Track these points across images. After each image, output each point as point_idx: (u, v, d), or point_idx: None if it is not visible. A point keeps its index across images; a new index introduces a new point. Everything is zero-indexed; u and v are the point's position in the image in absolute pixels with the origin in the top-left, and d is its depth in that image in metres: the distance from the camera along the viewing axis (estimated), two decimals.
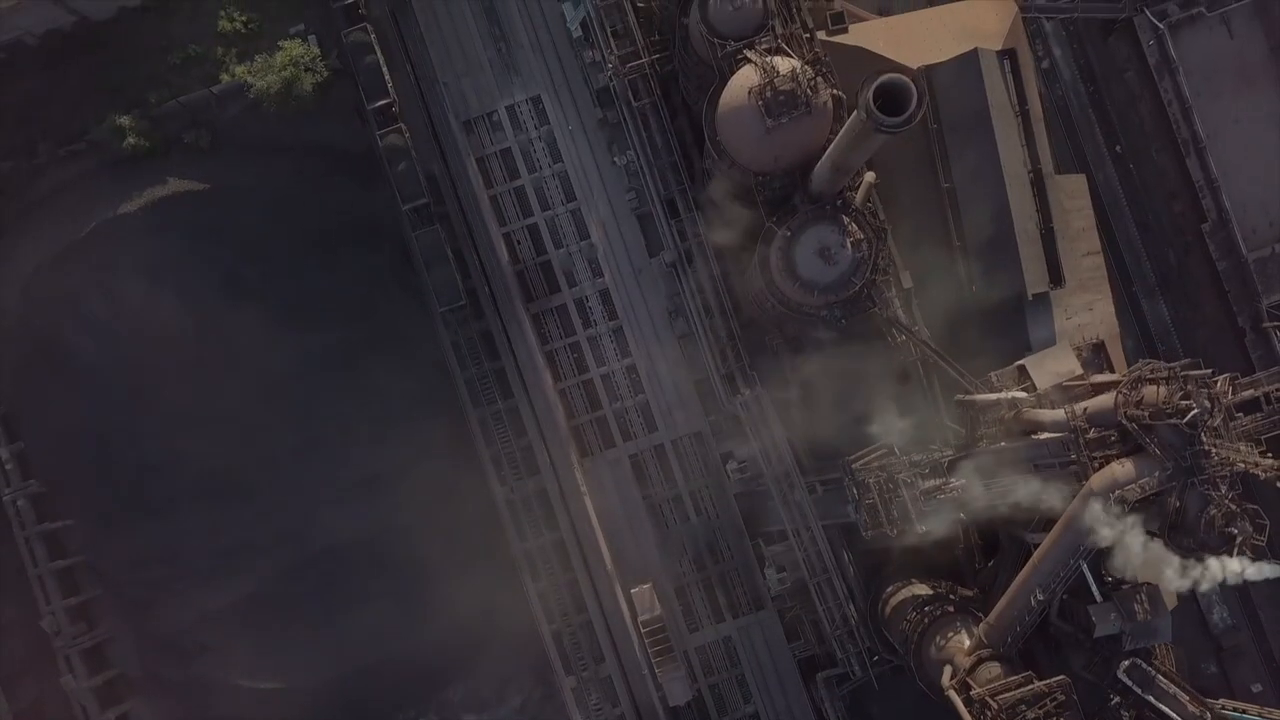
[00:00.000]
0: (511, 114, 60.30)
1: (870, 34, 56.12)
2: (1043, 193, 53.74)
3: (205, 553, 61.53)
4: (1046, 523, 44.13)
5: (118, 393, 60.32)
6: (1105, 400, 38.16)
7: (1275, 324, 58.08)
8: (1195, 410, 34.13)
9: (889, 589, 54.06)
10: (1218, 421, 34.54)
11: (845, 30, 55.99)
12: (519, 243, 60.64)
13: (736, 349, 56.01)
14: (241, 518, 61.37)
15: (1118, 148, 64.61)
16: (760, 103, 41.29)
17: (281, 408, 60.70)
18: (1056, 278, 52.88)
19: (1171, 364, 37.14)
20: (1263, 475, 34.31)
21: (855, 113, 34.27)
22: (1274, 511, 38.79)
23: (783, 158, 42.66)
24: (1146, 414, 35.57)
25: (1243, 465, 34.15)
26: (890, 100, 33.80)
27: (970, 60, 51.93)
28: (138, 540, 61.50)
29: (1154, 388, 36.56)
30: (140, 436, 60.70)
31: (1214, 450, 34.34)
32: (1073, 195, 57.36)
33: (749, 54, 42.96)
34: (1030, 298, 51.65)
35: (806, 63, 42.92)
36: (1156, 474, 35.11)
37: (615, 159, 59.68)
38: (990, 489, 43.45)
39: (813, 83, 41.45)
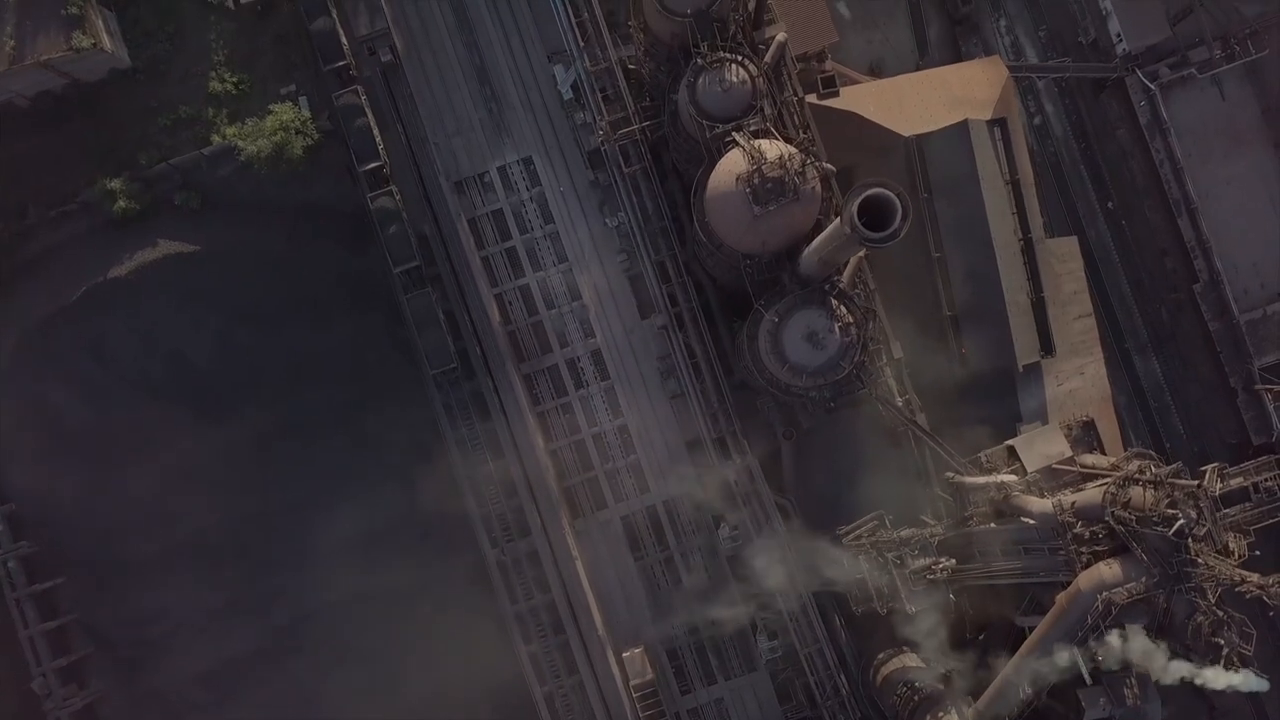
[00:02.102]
0: (503, 175, 60.10)
1: (861, 98, 56.29)
2: (1033, 260, 53.72)
3: (197, 612, 61.59)
4: (1036, 604, 44.15)
5: (109, 453, 60.29)
6: (1093, 495, 38.11)
7: (1268, 387, 57.95)
8: (1181, 521, 34.10)
9: (880, 656, 54.01)
10: (1204, 531, 34.46)
11: (836, 94, 56.12)
12: (511, 303, 60.44)
13: (728, 413, 55.99)
14: (233, 577, 61.50)
15: (1110, 204, 64.68)
16: (748, 189, 41.24)
17: (273, 467, 60.75)
18: (1047, 347, 52.89)
19: (1159, 467, 37.00)
20: (1248, 594, 34.30)
21: (839, 221, 34.21)
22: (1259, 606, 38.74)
23: (770, 243, 42.65)
24: (1133, 518, 35.52)
25: (1229, 579, 34.04)
26: (876, 212, 33.74)
27: (960, 131, 51.93)
28: (129, 599, 61.49)
29: (1141, 490, 36.48)
30: (131, 496, 60.70)
31: (1201, 559, 34.27)
32: (1064, 258, 57.35)
33: (737, 137, 42.89)
34: (1021, 369, 51.51)
35: (795, 144, 42.90)
36: (1144, 579, 35.05)
37: (607, 220, 59.52)
38: (979, 571, 43.39)
39: (801, 169, 41.36)
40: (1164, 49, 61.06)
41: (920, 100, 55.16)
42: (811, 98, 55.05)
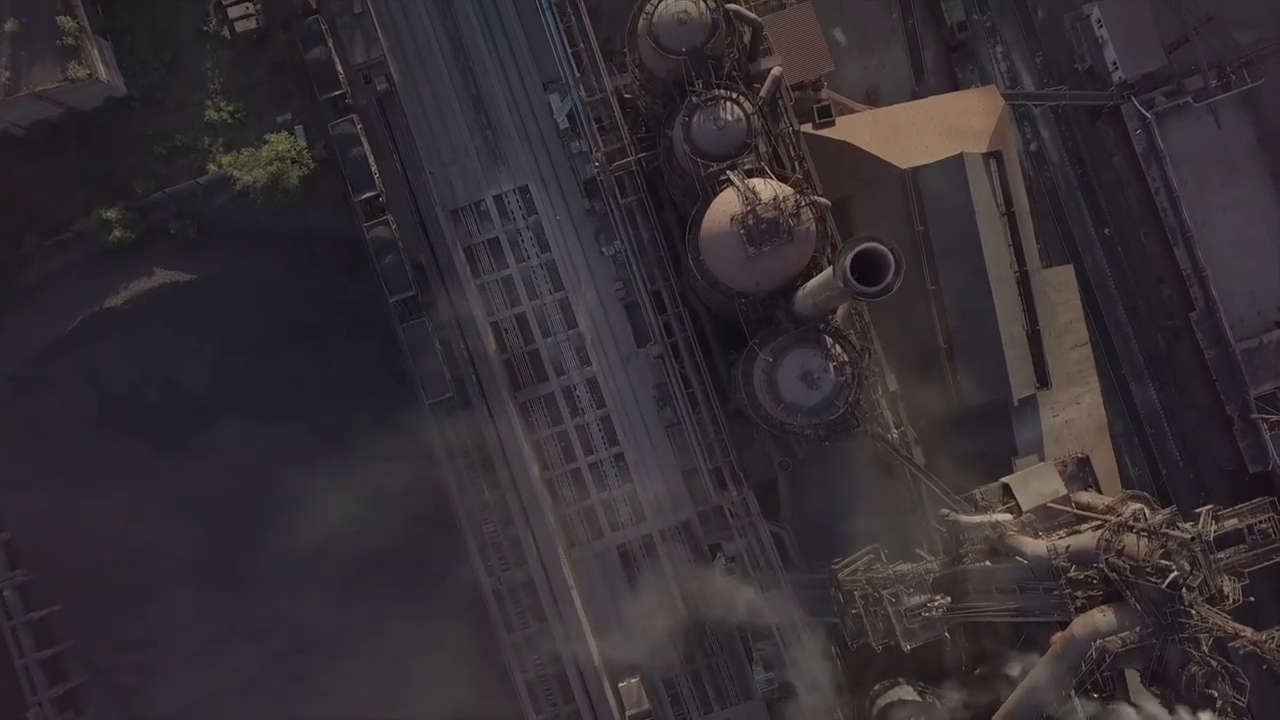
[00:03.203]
0: (499, 203, 60.11)
1: (857, 128, 56.24)
2: (1029, 292, 53.68)
3: (193, 638, 61.59)
4: (1032, 642, 44.13)
5: (105, 480, 60.28)
6: (1087, 540, 38.10)
7: (1264, 416, 57.93)
8: (1175, 573, 34.09)
9: (876, 687, 54.03)
10: (1198, 581, 34.45)
11: (832, 123, 56.03)
12: (506, 331, 60.42)
13: (724, 444, 55.99)
14: (228, 603, 61.43)
15: (1106, 230, 64.70)
16: (742, 231, 41.21)
17: (268, 494, 60.54)
18: (1043, 379, 52.81)
19: (1155, 510, 36.98)
20: (1241, 649, 34.28)
21: (832, 272, 34.19)
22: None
23: (765, 282, 42.66)
24: (1127, 567, 35.50)
25: (1223, 632, 34.03)
26: (869, 264, 33.73)
27: (956, 164, 51.90)
28: (125, 626, 61.51)
29: (1135, 538, 36.47)
30: (127, 523, 60.69)
31: (1195, 610, 34.24)
32: (1060, 288, 57.36)
33: (731, 176, 42.87)
34: (1016, 402, 51.49)
35: (791, 181, 42.88)
36: (1137, 628, 35.03)
37: (603, 249, 59.51)
38: (974, 609, 43.36)
39: (795, 210, 41.33)
40: (1160, 76, 61.08)
41: (916, 130, 55.14)
42: (807, 127, 55.02)
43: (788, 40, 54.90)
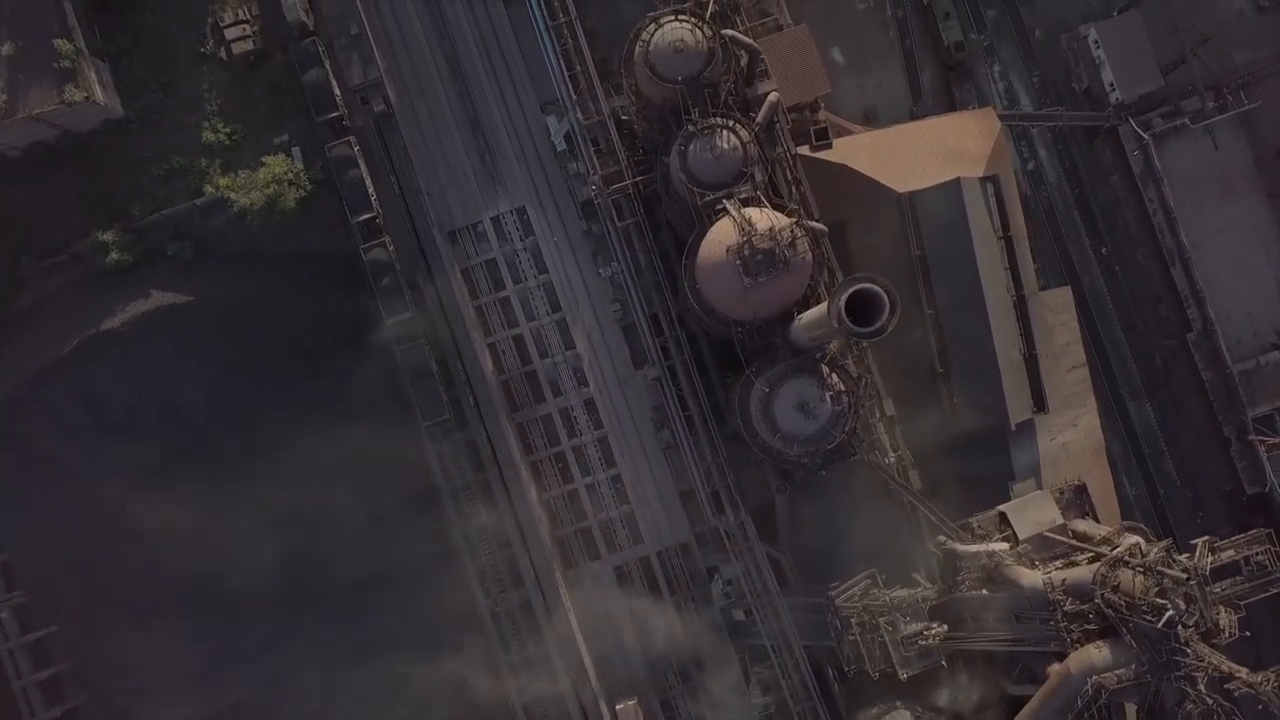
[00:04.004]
0: (497, 225, 60.10)
1: (854, 150, 56.24)
2: (1026, 316, 53.65)
3: (189, 661, 61.48)
4: (1029, 673, 44.11)
5: (102, 501, 60.14)
6: (1083, 574, 38.08)
7: (1262, 438, 57.88)
8: (1170, 612, 34.05)
9: (873, 711, 53.93)
10: (1194, 620, 34.42)
11: (829, 146, 56.02)
12: (504, 353, 60.39)
13: (721, 468, 55.93)
14: (225, 626, 61.29)
15: (1103, 249, 64.63)
16: (738, 261, 41.19)
17: (265, 516, 60.39)
18: (1040, 404, 52.75)
19: (1151, 542, 36.92)
20: (1237, 690, 34.25)
21: (828, 311, 34.17)
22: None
23: (761, 312, 42.68)
24: (1123, 603, 35.48)
25: (1218, 671, 34.02)
26: (864, 304, 33.72)
27: (953, 189, 51.88)
28: (122, 648, 61.33)
29: (1130, 574, 36.43)
30: (125, 544, 60.53)
31: (1191, 648, 34.23)
32: (1057, 309, 57.36)
33: (727, 205, 42.86)
34: (1014, 428, 51.45)
35: (787, 211, 42.86)
36: (1134, 665, 35.01)
37: (600, 270, 59.50)
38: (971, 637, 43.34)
39: (791, 241, 41.32)
40: (1157, 97, 61.04)
41: (913, 153, 55.14)
42: (804, 149, 55.03)
43: (785, 62, 54.86)
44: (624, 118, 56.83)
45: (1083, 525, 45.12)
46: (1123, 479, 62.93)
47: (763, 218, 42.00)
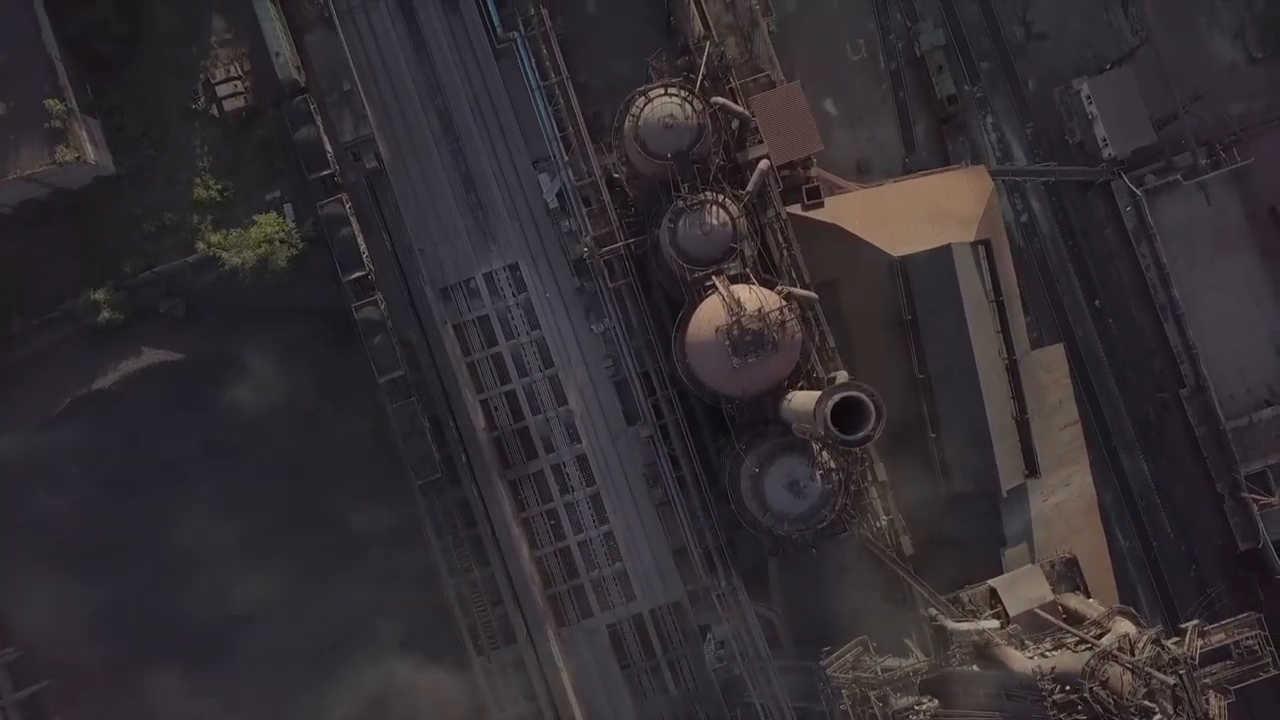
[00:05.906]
0: (489, 281, 60.13)
1: (846, 209, 56.09)
2: (1018, 380, 53.55)
3: (185, 713, 61.37)
4: None
5: (93, 557, 60.16)
6: (1072, 663, 38.00)
7: (1255, 496, 57.79)
8: (1158, 716, 34.04)
9: None
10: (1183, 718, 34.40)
11: (821, 204, 55.87)
12: (496, 409, 60.44)
13: (714, 528, 55.86)
14: (220, 678, 61.27)
15: (1097, 301, 64.44)
16: (727, 342, 41.13)
17: (258, 571, 60.42)
18: (1032, 468, 52.65)
19: (1142, 629, 36.75)
20: None
21: (813, 416, 34.12)
22: None
23: (751, 389, 42.61)
24: (1111, 700, 35.47)
25: None
26: (850, 410, 33.67)
27: (944, 254, 51.77)
28: (115, 702, 61.30)
29: (1119, 671, 36.38)
30: (116, 599, 60.55)
31: None
32: (1050, 368, 57.29)
33: (717, 283, 42.80)
34: (1005, 494, 51.37)
35: (776, 290, 42.79)
36: None
37: (593, 326, 59.51)
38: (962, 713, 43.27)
39: (780, 321, 41.25)
40: (1150, 151, 60.89)
41: (905, 213, 55.02)
42: (796, 208, 54.91)
43: (777, 119, 54.58)
44: (616, 175, 56.73)
45: (1073, 601, 45.08)
46: (1116, 532, 62.74)
47: (752, 297, 41.94)
